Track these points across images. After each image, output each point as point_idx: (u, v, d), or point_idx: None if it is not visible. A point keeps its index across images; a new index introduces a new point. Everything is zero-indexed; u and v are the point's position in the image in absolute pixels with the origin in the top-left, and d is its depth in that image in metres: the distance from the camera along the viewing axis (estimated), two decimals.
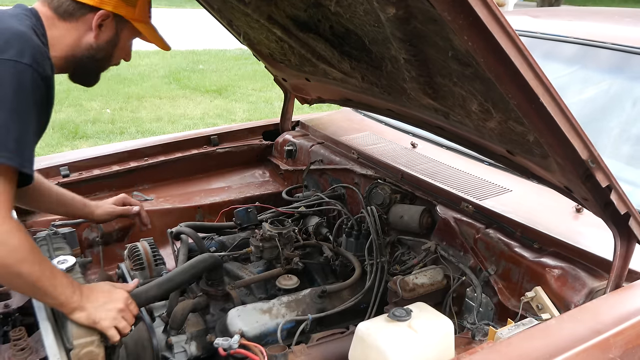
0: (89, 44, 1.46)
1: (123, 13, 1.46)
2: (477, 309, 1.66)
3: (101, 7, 1.41)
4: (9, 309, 1.46)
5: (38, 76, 1.24)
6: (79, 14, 1.41)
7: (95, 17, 1.42)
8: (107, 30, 1.47)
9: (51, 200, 1.82)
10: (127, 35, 1.53)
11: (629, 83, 2.14)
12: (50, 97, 1.33)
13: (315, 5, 1.56)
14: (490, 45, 1.01)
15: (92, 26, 1.43)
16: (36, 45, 1.28)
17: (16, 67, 1.20)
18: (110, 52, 1.52)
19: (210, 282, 1.80)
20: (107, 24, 1.45)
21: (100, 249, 2.27)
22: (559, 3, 11.67)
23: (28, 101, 1.21)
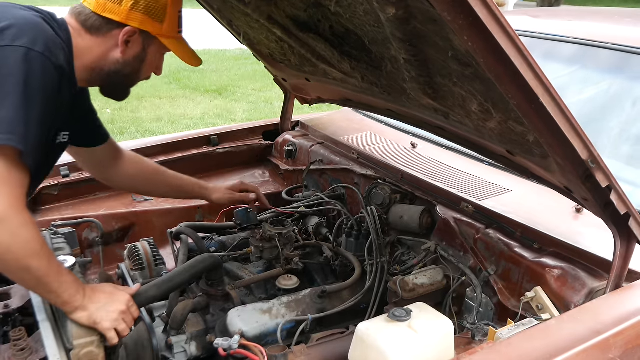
0: (115, 59, 1.45)
1: (150, 29, 1.44)
2: (477, 309, 1.66)
3: (127, 24, 1.41)
4: (9, 309, 1.46)
5: (50, 64, 1.24)
6: (105, 29, 1.41)
7: (121, 33, 1.41)
8: (134, 46, 1.46)
9: (169, 183, 1.94)
10: (155, 51, 1.51)
11: (629, 83, 2.14)
12: (63, 87, 1.30)
13: (315, 6, 1.56)
14: (490, 45, 1.01)
15: (118, 42, 1.42)
16: (50, 35, 1.28)
17: (28, 54, 1.20)
18: (138, 67, 1.51)
19: (210, 282, 1.80)
20: (134, 40, 1.44)
21: (100, 249, 2.27)
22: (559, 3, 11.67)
23: (37, 89, 1.20)
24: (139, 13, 1.41)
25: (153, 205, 2.42)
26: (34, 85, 1.19)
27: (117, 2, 1.39)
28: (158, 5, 1.43)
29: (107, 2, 1.39)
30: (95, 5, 1.40)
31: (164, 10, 1.45)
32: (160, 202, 2.46)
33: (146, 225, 2.37)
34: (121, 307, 1.36)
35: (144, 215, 2.38)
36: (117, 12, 1.39)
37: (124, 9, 1.39)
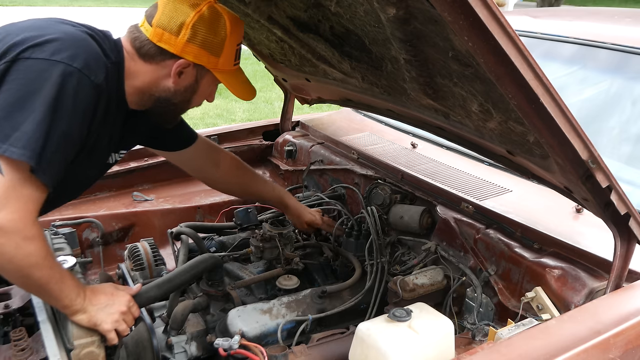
0: (167, 87, 1.43)
1: (205, 63, 1.41)
2: (477, 309, 1.66)
3: (182, 56, 1.38)
4: (9, 309, 1.46)
5: (87, 82, 1.22)
6: (159, 58, 1.39)
7: (175, 64, 1.38)
8: (186, 78, 1.43)
9: (260, 195, 2.08)
10: (208, 82, 1.48)
11: (629, 83, 2.14)
12: (101, 106, 1.29)
13: (316, 6, 1.56)
14: (491, 45, 1.01)
15: (171, 72, 1.40)
16: (93, 53, 1.27)
17: (65, 70, 1.18)
18: (189, 97, 1.49)
19: (210, 282, 1.80)
20: (188, 71, 1.42)
21: (100, 249, 2.27)
22: (559, 3, 11.68)
23: (68, 106, 1.18)
24: (195, 46, 1.37)
25: (153, 205, 2.43)
26: (64, 102, 1.18)
27: (174, 33, 1.35)
28: (216, 40, 1.40)
29: (164, 32, 1.36)
30: (152, 34, 1.37)
31: (222, 45, 1.41)
32: (161, 202, 2.46)
33: (146, 226, 2.37)
34: (122, 308, 1.36)
35: (144, 215, 2.38)
36: (172, 44, 1.36)
37: (180, 41, 1.36)
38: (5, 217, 1.11)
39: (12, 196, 1.13)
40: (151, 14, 1.39)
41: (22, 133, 1.13)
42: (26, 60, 1.18)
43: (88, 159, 1.37)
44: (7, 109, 1.14)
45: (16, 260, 1.15)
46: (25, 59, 1.18)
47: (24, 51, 1.19)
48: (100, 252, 2.27)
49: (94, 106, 1.26)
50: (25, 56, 1.19)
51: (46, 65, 1.18)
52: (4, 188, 1.13)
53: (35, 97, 1.15)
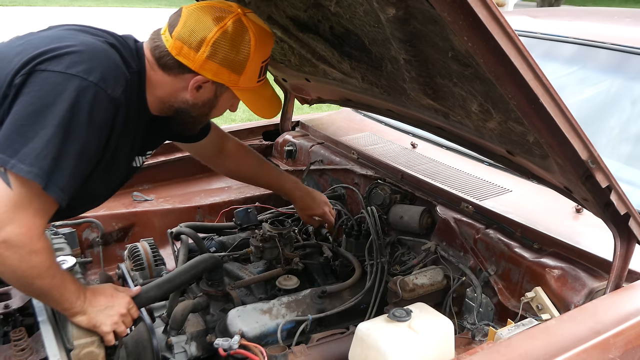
0: (185, 99, 1.40)
1: (224, 81, 1.36)
2: (477, 310, 1.66)
3: (200, 73, 1.33)
4: (9, 309, 1.46)
5: (104, 96, 1.20)
6: (177, 71, 1.35)
7: (193, 80, 1.35)
8: (205, 93, 1.39)
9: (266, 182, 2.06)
10: (228, 98, 1.44)
11: (629, 83, 2.14)
12: (118, 119, 1.27)
13: (315, 6, 1.57)
14: (490, 45, 1.01)
15: (189, 87, 1.36)
16: (112, 65, 1.24)
17: (80, 84, 1.16)
18: (207, 111, 1.46)
19: (210, 282, 1.80)
20: (206, 87, 1.38)
21: (100, 249, 2.28)
22: (559, 3, 11.68)
23: (83, 121, 1.16)
24: (214, 64, 1.32)
25: (153, 205, 2.43)
26: (79, 117, 1.16)
27: (193, 49, 1.30)
28: (238, 58, 1.34)
29: (183, 45, 1.31)
30: (171, 46, 1.32)
31: (244, 63, 1.35)
32: (161, 202, 2.46)
33: (146, 226, 2.37)
34: (121, 310, 1.36)
35: (144, 215, 2.38)
36: (191, 59, 1.31)
37: (200, 58, 1.31)
38: (12, 232, 1.11)
39: (19, 210, 1.13)
40: (173, 23, 1.34)
41: (31, 149, 1.11)
42: (42, 73, 1.17)
43: (108, 169, 1.35)
44: (19, 123, 1.13)
45: (19, 272, 1.15)
46: (41, 71, 1.17)
47: (41, 63, 1.18)
48: (100, 252, 2.27)
49: (112, 120, 1.25)
50: (41, 68, 1.17)
51: (61, 79, 1.16)
52: (12, 202, 1.12)
53: (48, 112, 1.13)
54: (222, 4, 1.37)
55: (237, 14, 1.34)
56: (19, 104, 1.15)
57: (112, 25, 1.66)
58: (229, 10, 1.34)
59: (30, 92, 1.15)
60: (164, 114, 1.47)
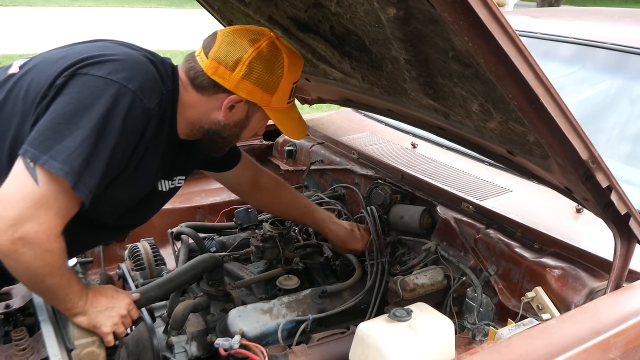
0: (217, 120, 1.42)
1: (257, 100, 1.40)
2: (477, 309, 1.66)
3: (235, 92, 1.37)
4: (10, 309, 1.46)
5: (140, 105, 1.22)
6: (211, 90, 1.38)
7: (227, 99, 1.38)
8: (237, 113, 1.42)
9: (298, 217, 2.00)
10: (259, 118, 1.47)
11: (629, 83, 2.15)
12: (151, 131, 1.29)
13: (316, 6, 1.57)
14: (491, 45, 1.01)
15: (222, 106, 1.39)
16: (151, 77, 1.27)
17: (119, 90, 1.19)
18: (238, 132, 1.48)
19: (210, 282, 1.80)
20: (239, 106, 1.41)
21: (101, 249, 2.28)
22: (559, 3, 11.68)
23: (117, 126, 1.19)
24: (249, 83, 1.36)
25: None
26: (113, 122, 1.18)
27: (229, 68, 1.34)
28: (272, 79, 1.38)
29: (219, 66, 1.35)
30: (207, 66, 1.36)
31: (277, 83, 1.40)
32: None
33: (146, 226, 2.35)
34: (121, 311, 1.36)
35: None
36: (227, 79, 1.35)
37: (235, 77, 1.35)
38: (31, 228, 1.12)
39: (42, 208, 1.13)
40: (208, 45, 1.38)
41: (65, 147, 1.13)
42: (83, 76, 1.20)
43: (129, 181, 1.35)
44: (56, 121, 1.16)
45: (32, 269, 1.16)
46: (82, 75, 1.20)
47: (84, 67, 1.21)
48: (101, 252, 2.27)
49: (143, 129, 1.26)
50: (83, 72, 1.21)
51: (101, 83, 1.19)
52: (37, 198, 1.13)
53: (85, 113, 1.16)
54: (255, 28, 1.43)
55: (271, 37, 1.39)
56: (57, 104, 1.17)
57: (112, 25, 1.67)
58: (262, 33, 1.39)
59: (70, 93, 1.18)
60: (193, 137, 1.47)
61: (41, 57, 1.35)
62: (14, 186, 1.13)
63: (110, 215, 1.43)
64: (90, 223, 1.37)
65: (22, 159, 1.14)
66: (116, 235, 1.61)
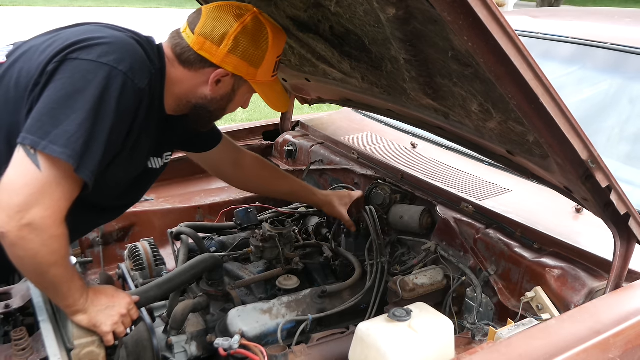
0: (204, 94, 1.45)
1: (243, 74, 1.43)
2: (477, 309, 1.66)
3: (221, 66, 1.39)
4: (9, 309, 1.46)
5: (131, 85, 1.24)
6: (198, 66, 1.40)
7: (213, 73, 1.40)
8: (223, 87, 1.45)
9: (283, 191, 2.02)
10: (244, 92, 1.50)
11: (629, 83, 2.15)
12: (142, 111, 1.30)
13: (315, 6, 1.57)
14: (490, 45, 1.01)
15: (209, 80, 1.41)
16: (139, 58, 1.28)
17: (110, 72, 1.20)
18: (224, 105, 1.51)
19: (210, 282, 1.80)
20: (225, 80, 1.43)
21: (101, 249, 2.28)
22: (558, 3, 11.68)
23: (111, 108, 1.20)
24: (235, 57, 1.39)
25: (153, 205, 2.42)
26: (108, 104, 1.19)
27: (215, 43, 1.37)
28: (257, 53, 1.41)
29: (205, 41, 1.37)
30: (194, 41, 1.38)
31: (262, 57, 1.42)
32: (161, 202, 2.46)
33: (146, 225, 2.37)
34: (122, 311, 1.36)
35: (144, 215, 2.38)
36: (213, 54, 1.37)
37: (222, 52, 1.37)
38: (37, 214, 1.12)
39: (47, 193, 1.14)
40: (194, 21, 1.40)
41: (64, 131, 1.14)
42: (74, 61, 1.20)
43: (126, 161, 1.36)
44: (51, 106, 1.16)
45: (39, 257, 1.16)
46: (73, 60, 1.20)
47: (73, 52, 1.21)
48: (101, 252, 2.27)
49: (135, 109, 1.28)
50: (73, 57, 1.21)
51: (92, 67, 1.20)
52: (41, 184, 1.13)
53: (79, 97, 1.17)
54: (239, 4, 1.43)
55: (254, 12, 1.42)
56: (50, 90, 1.18)
57: None
58: (246, 9, 1.41)
59: (62, 79, 1.18)
60: (180, 112, 1.49)
61: (28, 44, 1.35)
62: (17, 174, 1.13)
63: (109, 196, 1.44)
64: (88, 205, 1.37)
65: (22, 147, 1.14)
66: (113, 216, 1.62)
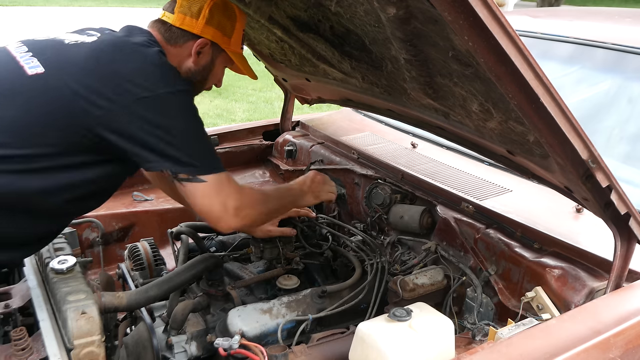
0: (188, 67, 1.59)
1: (219, 42, 1.60)
2: (477, 309, 1.66)
3: (201, 36, 1.56)
4: (9, 309, 1.46)
5: (191, 94, 1.49)
6: (182, 40, 1.56)
7: (195, 44, 1.56)
8: (204, 57, 1.61)
9: None
10: (221, 62, 1.66)
11: (629, 83, 2.14)
12: None
13: (316, 6, 1.57)
14: (491, 45, 1.01)
15: (192, 52, 1.57)
16: (175, 70, 1.48)
17: (186, 96, 1.44)
18: (206, 76, 1.65)
19: (210, 282, 1.80)
20: (205, 51, 1.59)
21: (101, 249, 2.28)
22: (559, 3, 11.68)
23: (199, 118, 1.45)
24: (211, 27, 1.56)
25: (153, 205, 2.43)
26: (199, 119, 1.46)
27: (194, 17, 1.54)
28: (228, 22, 1.60)
29: (185, 16, 1.54)
30: (175, 19, 1.55)
31: (233, 27, 1.61)
32: (161, 202, 2.46)
33: (146, 225, 2.38)
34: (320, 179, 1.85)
35: (144, 215, 2.38)
36: (193, 26, 1.55)
37: (200, 23, 1.55)
38: (235, 204, 1.44)
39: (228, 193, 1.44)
40: (170, 6, 1.57)
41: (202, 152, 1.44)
42: (159, 98, 1.36)
43: None
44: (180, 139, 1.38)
45: (269, 217, 1.76)
46: (158, 97, 1.36)
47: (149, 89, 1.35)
48: (101, 252, 2.27)
49: None
50: (158, 94, 1.36)
51: (177, 99, 1.41)
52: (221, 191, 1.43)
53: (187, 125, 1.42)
54: None
55: None
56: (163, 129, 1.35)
57: (112, 25, 1.69)
58: None
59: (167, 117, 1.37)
60: None
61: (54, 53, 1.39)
62: (209, 200, 1.42)
63: None
64: None
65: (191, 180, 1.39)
66: None
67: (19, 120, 1.30)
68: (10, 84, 1.34)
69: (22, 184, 1.30)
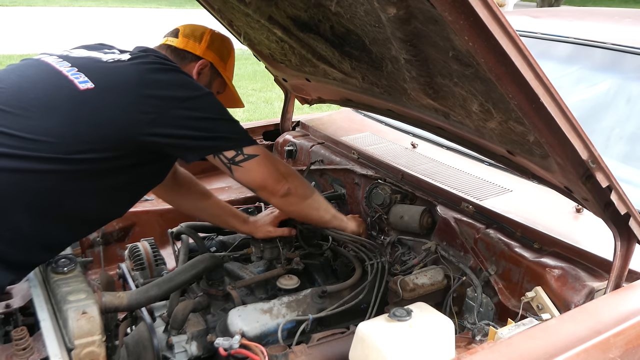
0: None
1: (217, 65, 1.80)
2: (477, 309, 1.67)
3: (203, 57, 1.77)
4: (10, 308, 1.46)
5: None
6: (186, 61, 1.75)
7: (197, 64, 1.76)
8: (204, 77, 1.79)
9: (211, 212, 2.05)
10: (217, 85, 1.85)
11: (629, 83, 2.15)
12: None
13: (316, 6, 1.57)
14: (491, 45, 1.01)
15: (193, 72, 1.74)
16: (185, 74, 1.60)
17: (214, 96, 1.57)
18: None
19: (210, 282, 1.80)
20: (205, 72, 1.79)
21: (101, 249, 2.28)
22: (559, 3, 11.68)
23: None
24: (212, 52, 1.78)
25: (154, 205, 2.43)
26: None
27: (197, 40, 1.77)
28: (225, 50, 1.82)
29: (188, 40, 1.76)
30: (179, 42, 1.76)
31: (229, 54, 1.85)
32: (161, 202, 2.46)
33: (147, 225, 2.38)
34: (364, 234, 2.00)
35: (145, 215, 2.38)
36: (196, 49, 1.76)
37: (202, 46, 1.77)
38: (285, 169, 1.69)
39: (274, 163, 1.65)
40: (175, 32, 1.78)
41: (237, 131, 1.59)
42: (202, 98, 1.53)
43: None
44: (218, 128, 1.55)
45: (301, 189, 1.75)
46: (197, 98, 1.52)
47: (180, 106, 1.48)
48: (101, 252, 2.27)
49: None
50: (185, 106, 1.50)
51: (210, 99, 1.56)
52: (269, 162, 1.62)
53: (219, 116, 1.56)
54: None
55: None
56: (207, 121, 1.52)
57: (112, 25, 1.71)
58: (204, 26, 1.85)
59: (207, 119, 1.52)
60: None
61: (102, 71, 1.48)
62: (266, 168, 1.60)
63: None
64: None
65: (247, 159, 1.55)
66: None
67: (68, 132, 1.38)
68: (63, 97, 1.40)
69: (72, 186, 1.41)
